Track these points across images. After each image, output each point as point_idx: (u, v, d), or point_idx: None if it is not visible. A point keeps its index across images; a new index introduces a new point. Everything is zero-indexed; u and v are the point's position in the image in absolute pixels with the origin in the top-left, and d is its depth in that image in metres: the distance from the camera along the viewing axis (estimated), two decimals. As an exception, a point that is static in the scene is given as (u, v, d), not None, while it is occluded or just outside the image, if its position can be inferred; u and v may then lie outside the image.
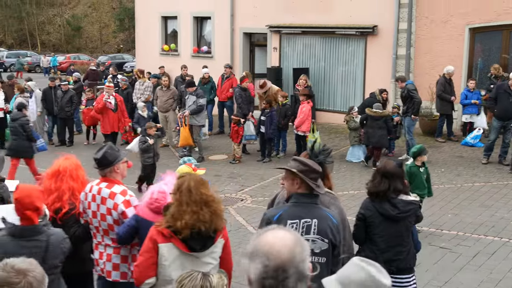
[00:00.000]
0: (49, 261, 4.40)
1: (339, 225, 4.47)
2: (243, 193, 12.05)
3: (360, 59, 18.37)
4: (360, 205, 10.62)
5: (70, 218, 5.49)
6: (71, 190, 5.53)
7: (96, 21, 65.04)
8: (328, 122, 18.83)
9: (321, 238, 4.34)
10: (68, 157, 5.79)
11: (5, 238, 4.41)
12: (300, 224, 4.35)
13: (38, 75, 41.50)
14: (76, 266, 5.57)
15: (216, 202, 4.39)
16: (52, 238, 4.47)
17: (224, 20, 21.50)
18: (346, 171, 13.48)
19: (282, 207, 4.57)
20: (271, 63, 20.24)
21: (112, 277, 5.37)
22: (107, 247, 5.40)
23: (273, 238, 2.41)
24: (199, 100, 14.65)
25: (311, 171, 4.43)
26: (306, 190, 4.44)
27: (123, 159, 5.46)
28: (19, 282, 2.66)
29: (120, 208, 5.21)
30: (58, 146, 17.29)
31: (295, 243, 2.42)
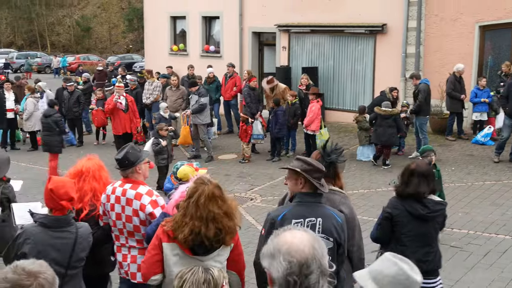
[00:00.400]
0: (77, 252, 4.47)
1: (343, 224, 4.44)
2: (253, 193, 12.05)
3: (369, 57, 18.32)
4: (369, 204, 10.67)
5: (90, 219, 5.43)
6: (93, 191, 5.50)
7: (106, 22, 65.24)
8: (338, 121, 18.79)
9: (326, 237, 4.31)
10: (91, 157, 5.74)
11: (36, 229, 4.46)
12: (305, 223, 4.33)
13: (48, 76, 41.72)
14: (95, 268, 5.50)
15: (228, 217, 4.27)
16: (81, 231, 4.55)
17: (232, 20, 21.51)
18: (356, 170, 13.45)
19: (286, 207, 4.56)
20: (280, 62, 20.23)
21: (137, 279, 5.31)
22: (131, 249, 5.34)
23: (292, 237, 2.47)
24: (201, 99, 14.69)
25: (314, 170, 4.41)
26: (309, 190, 4.44)
27: (144, 160, 5.38)
28: (30, 284, 2.64)
29: (148, 209, 5.14)
30: (68, 146, 17.33)
31: (314, 240, 2.48)
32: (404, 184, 5.39)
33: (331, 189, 4.84)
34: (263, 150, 15.53)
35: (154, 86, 17.23)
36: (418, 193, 5.30)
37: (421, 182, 5.33)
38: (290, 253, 2.41)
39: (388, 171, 13.20)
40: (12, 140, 17.24)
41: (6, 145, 16.74)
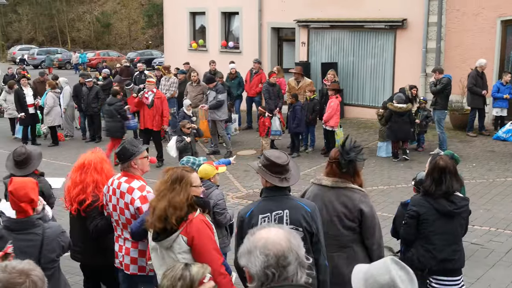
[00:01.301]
0: (46, 254, 4.42)
1: (313, 212, 4.44)
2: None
3: (389, 53, 18.20)
4: (389, 200, 10.60)
5: (93, 210, 5.64)
6: (95, 182, 5.68)
7: (125, 18, 65.54)
8: (357, 117, 18.70)
9: (294, 227, 4.29)
10: (94, 151, 5.94)
11: (2, 232, 4.44)
12: (272, 217, 4.37)
13: (69, 72, 42.05)
14: (100, 258, 5.76)
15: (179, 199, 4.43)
16: (48, 231, 4.49)
17: (252, 15, 21.48)
18: (375, 166, 13.37)
19: (254, 203, 4.57)
20: (299, 58, 20.17)
21: (130, 270, 5.46)
22: (126, 241, 5.48)
23: (267, 233, 2.52)
24: (218, 95, 14.69)
25: (272, 165, 4.43)
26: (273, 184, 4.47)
27: (141, 155, 5.48)
28: (24, 282, 2.66)
29: (136, 204, 5.27)
30: (88, 141, 17.47)
31: (289, 234, 2.53)
32: (435, 183, 5.32)
33: (350, 187, 4.81)
34: (282, 146, 15.48)
35: (170, 82, 17.19)
36: (449, 191, 5.25)
37: (453, 180, 5.28)
38: (266, 246, 2.44)
39: (408, 167, 13.10)
40: (33, 135, 17.39)
41: (27, 140, 16.89)
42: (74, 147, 16.81)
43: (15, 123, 18.02)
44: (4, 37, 63.36)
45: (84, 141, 17.66)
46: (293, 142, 14.82)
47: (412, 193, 6.32)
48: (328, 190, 4.84)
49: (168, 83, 17.17)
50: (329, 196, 4.82)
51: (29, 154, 6.45)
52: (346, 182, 4.80)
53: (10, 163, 6.47)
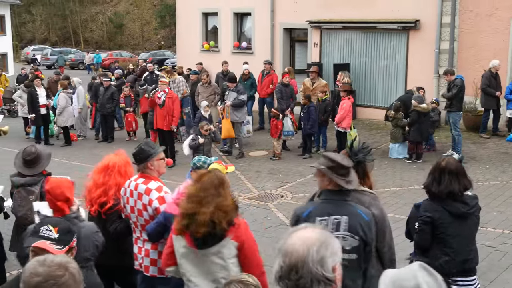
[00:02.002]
0: (80, 253, 4.42)
1: (370, 222, 4.35)
2: (283, 190, 12.02)
3: (402, 54, 18.13)
4: (401, 202, 10.55)
5: (114, 213, 5.61)
6: (117, 185, 5.62)
7: (138, 18, 65.76)
8: (369, 118, 18.65)
9: (351, 235, 4.24)
10: (118, 153, 5.85)
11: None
12: (330, 221, 4.28)
13: (82, 72, 42.26)
14: (119, 259, 5.69)
15: (227, 202, 4.30)
16: (83, 231, 4.53)
17: (264, 16, 21.48)
18: (387, 167, 13.32)
19: (312, 204, 4.50)
20: (312, 58, 20.13)
21: (149, 272, 5.43)
22: (145, 242, 5.45)
23: (297, 238, 2.42)
24: (240, 96, 14.69)
25: (339, 167, 4.34)
26: (335, 187, 4.36)
27: (157, 156, 5.47)
28: (63, 275, 2.70)
29: (154, 205, 5.27)
30: (101, 141, 17.54)
31: (314, 244, 2.39)
32: (436, 182, 5.29)
33: (360, 190, 4.76)
34: (293, 147, 15.49)
35: (177, 83, 17.03)
36: (450, 192, 5.20)
37: (453, 180, 5.23)
38: (285, 255, 2.37)
39: (420, 168, 13.04)
40: (46, 135, 17.48)
41: (40, 140, 16.98)
42: (87, 147, 16.91)
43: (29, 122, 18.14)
44: (18, 37, 63.76)
45: (97, 141, 17.72)
46: (305, 143, 14.80)
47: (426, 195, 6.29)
48: None
49: (175, 84, 17.00)
50: None
51: (39, 154, 6.47)
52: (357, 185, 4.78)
53: (18, 161, 6.49)
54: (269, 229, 9.59)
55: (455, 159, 5.55)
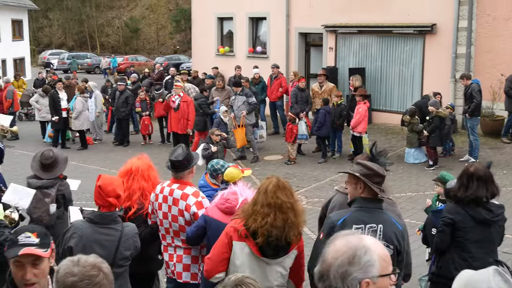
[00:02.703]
0: (122, 251, 4.51)
1: (404, 231, 4.33)
2: (299, 194, 11.97)
3: (418, 58, 18.03)
4: (418, 207, 10.46)
5: (138, 218, 5.54)
6: (141, 190, 5.59)
7: (153, 23, 66.05)
8: (385, 122, 18.55)
9: (386, 244, 4.16)
10: (141, 157, 5.83)
11: (83, 224, 4.57)
12: (366, 230, 4.22)
13: (98, 76, 42.51)
14: (142, 266, 5.58)
15: (294, 211, 4.32)
16: (127, 229, 4.60)
17: (279, 20, 21.48)
18: (403, 172, 13.23)
19: (347, 211, 4.40)
20: (327, 63, 20.09)
21: (183, 278, 5.39)
22: (177, 248, 5.41)
23: (333, 246, 2.40)
24: (249, 99, 14.69)
25: (375, 175, 4.30)
26: (369, 195, 4.31)
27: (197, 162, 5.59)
28: (97, 274, 2.76)
29: (192, 210, 5.23)
30: (117, 145, 17.62)
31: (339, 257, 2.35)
32: (463, 187, 5.23)
33: None
34: (308, 151, 15.45)
35: (187, 90, 16.91)
36: (477, 197, 5.15)
37: (480, 186, 5.18)
38: (322, 258, 2.37)
39: (436, 173, 12.89)
40: (63, 139, 17.59)
41: (57, 144, 17.08)
42: (103, 150, 17.00)
43: (46, 126, 18.25)
44: (35, 42, 64.33)
45: (113, 144, 17.80)
46: (319, 147, 14.78)
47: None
48: None
49: (185, 91, 16.83)
50: None
51: (56, 158, 6.51)
52: None
53: (36, 164, 6.53)
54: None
55: (483, 165, 5.50)
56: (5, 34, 38.34)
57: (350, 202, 4.44)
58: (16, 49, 39.72)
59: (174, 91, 14.46)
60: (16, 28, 40.87)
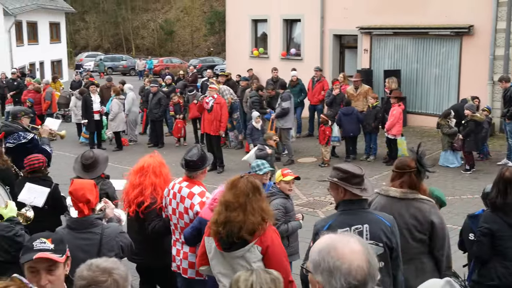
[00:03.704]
0: (104, 253, 4.48)
1: (393, 227, 4.29)
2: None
3: (454, 60, 17.78)
4: (454, 211, 10.32)
5: (151, 212, 5.78)
6: (153, 185, 5.81)
7: (188, 25, 66.50)
8: (420, 125, 18.35)
9: (375, 242, 4.18)
10: (153, 155, 6.09)
11: (63, 230, 4.67)
12: (351, 232, 4.22)
13: (133, 78, 42.98)
14: (158, 259, 5.87)
15: (243, 210, 4.38)
16: (107, 231, 4.61)
17: (314, 22, 21.42)
18: (439, 176, 13.05)
19: (332, 217, 4.44)
20: (362, 65, 19.97)
21: (188, 274, 5.54)
22: (183, 245, 5.56)
23: (351, 253, 2.37)
24: (283, 103, 14.69)
25: (351, 177, 4.30)
26: (352, 197, 4.31)
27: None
28: (106, 280, 2.76)
29: (196, 209, 5.38)
30: (151, 147, 17.77)
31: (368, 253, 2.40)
32: (501, 194, 5.12)
33: (419, 198, 4.70)
34: (342, 154, 15.37)
35: (221, 92, 16.91)
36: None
37: None
38: (350, 273, 2.32)
39: (473, 177, 12.76)
40: (99, 141, 17.83)
41: (93, 145, 17.29)
42: (138, 151, 17.11)
43: (82, 127, 18.52)
44: (72, 44, 65.38)
45: (148, 146, 17.96)
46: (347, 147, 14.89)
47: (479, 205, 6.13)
48: (396, 202, 4.71)
49: (220, 93, 16.83)
50: (398, 208, 4.69)
51: (97, 158, 6.62)
52: (415, 193, 4.69)
53: (77, 166, 6.65)
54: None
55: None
56: (43, 37, 39.10)
57: (336, 207, 4.46)
58: (54, 51, 40.52)
59: (209, 92, 14.55)
60: (54, 31, 41.66)
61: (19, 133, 8.44)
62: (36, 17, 37.33)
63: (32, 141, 8.45)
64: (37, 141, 8.55)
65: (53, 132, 9.67)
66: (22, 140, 8.41)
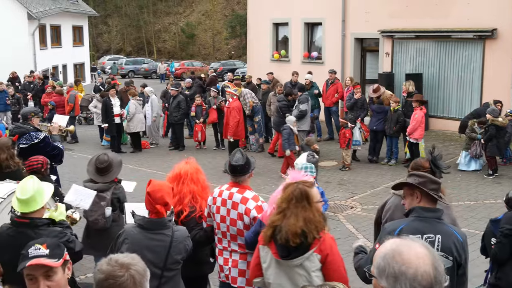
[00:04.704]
0: (172, 255, 4.56)
1: (464, 242, 4.18)
2: (353, 201, 11.88)
3: (477, 64, 17.62)
4: (476, 216, 10.24)
5: (191, 220, 5.60)
6: (192, 193, 5.64)
7: (209, 29, 66.79)
8: (442, 129, 18.21)
9: (445, 255, 4.06)
10: (188, 161, 5.88)
11: (134, 230, 4.64)
12: (423, 240, 4.09)
13: (154, 81, 43.26)
14: (194, 268, 5.63)
15: (313, 215, 4.29)
16: (177, 234, 4.63)
17: (335, 26, 21.36)
18: (461, 180, 12.94)
19: (403, 221, 4.32)
20: (383, 68, 19.87)
21: (237, 283, 5.38)
22: (233, 253, 5.41)
23: (416, 257, 2.33)
24: (300, 105, 14.68)
25: (430, 182, 4.22)
26: (427, 204, 4.22)
27: None
28: (123, 275, 2.81)
29: (252, 214, 5.22)
30: (172, 149, 17.86)
31: (434, 258, 2.35)
32: None
33: None
34: (363, 158, 15.31)
35: (243, 95, 16.92)
36: None
37: None
38: (416, 279, 2.28)
39: (496, 182, 12.63)
40: (119, 143, 17.93)
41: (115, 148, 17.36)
42: (159, 154, 17.26)
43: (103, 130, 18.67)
44: (95, 47, 65.99)
45: (169, 148, 18.04)
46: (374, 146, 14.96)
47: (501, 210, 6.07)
48: None
49: (241, 98, 16.88)
50: None
51: (111, 162, 6.65)
52: None
53: (91, 168, 6.69)
54: (338, 240, 9.47)
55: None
56: (66, 40, 39.53)
57: (407, 213, 4.34)
58: (77, 54, 40.93)
59: (227, 97, 14.73)
60: (77, 34, 42.10)
61: (31, 134, 8.53)
62: (59, 20, 37.75)
63: (44, 140, 8.54)
64: (49, 140, 8.64)
65: (62, 128, 9.81)
66: (34, 140, 8.50)
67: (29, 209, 4.62)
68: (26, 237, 4.51)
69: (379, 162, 14.86)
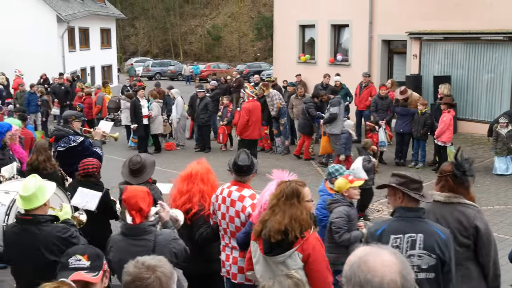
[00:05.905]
0: None
1: (447, 240, 4.23)
2: (380, 204, 11.77)
3: (507, 65, 17.38)
4: (506, 221, 10.07)
5: (199, 218, 5.78)
6: (201, 192, 5.82)
7: (235, 31, 66.98)
8: (471, 132, 17.99)
9: (427, 253, 4.16)
10: (200, 161, 6.09)
11: (118, 237, 4.72)
12: (404, 239, 4.23)
13: (180, 83, 43.48)
14: (204, 266, 5.82)
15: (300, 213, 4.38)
16: (160, 238, 4.62)
17: (362, 28, 21.25)
18: (490, 184, 12.75)
19: (386, 222, 4.44)
20: (411, 70, 19.70)
21: (237, 280, 5.53)
22: (233, 250, 5.56)
23: (382, 266, 2.29)
24: (331, 108, 14.60)
25: (410, 182, 4.33)
26: (409, 203, 4.32)
27: None
28: (149, 277, 2.84)
29: (248, 211, 5.37)
30: (198, 151, 17.90)
31: (402, 265, 2.31)
32: None
33: (464, 203, 4.64)
34: (390, 160, 15.18)
35: (271, 97, 16.90)
36: None
37: None
38: (382, 287, 2.25)
39: (527, 186, 12.41)
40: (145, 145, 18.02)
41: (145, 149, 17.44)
42: (185, 156, 17.29)
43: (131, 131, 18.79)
44: (122, 49, 66.61)
45: (195, 150, 18.10)
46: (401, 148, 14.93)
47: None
48: (440, 206, 4.66)
49: (269, 98, 16.69)
50: (442, 212, 4.65)
51: (144, 163, 6.69)
52: (460, 198, 4.63)
53: (125, 171, 6.74)
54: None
55: None
56: (94, 42, 39.96)
57: (392, 213, 4.46)
58: (104, 56, 41.37)
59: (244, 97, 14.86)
60: (105, 37, 42.56)
61: (69, 137, 8.63)
62: (87, 23, 38.18)
63: (82, 144, 8.62)
64: (87, 144, 8.71)
65: (106, 134, 9.86)
66: (72, 143, 8.60)
67: (30, 205, 4.76)
68: (30, 234, 4.73)
69: (406, 165, 14.71)
